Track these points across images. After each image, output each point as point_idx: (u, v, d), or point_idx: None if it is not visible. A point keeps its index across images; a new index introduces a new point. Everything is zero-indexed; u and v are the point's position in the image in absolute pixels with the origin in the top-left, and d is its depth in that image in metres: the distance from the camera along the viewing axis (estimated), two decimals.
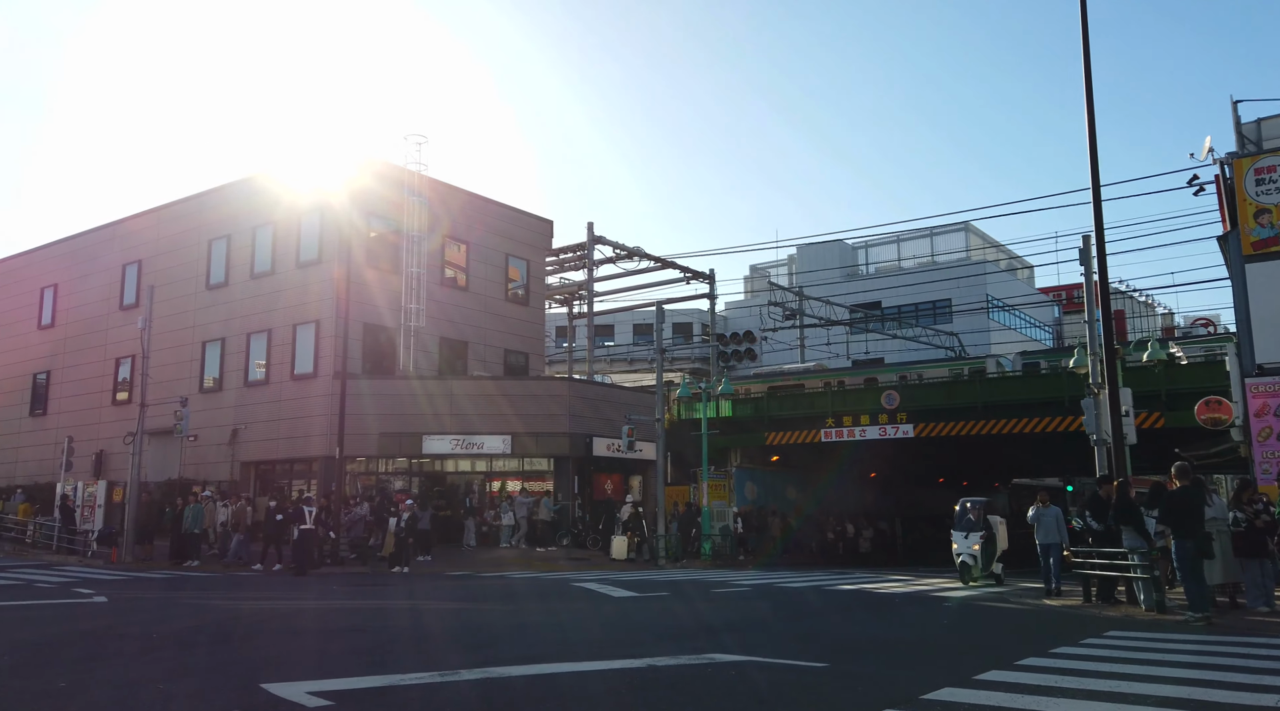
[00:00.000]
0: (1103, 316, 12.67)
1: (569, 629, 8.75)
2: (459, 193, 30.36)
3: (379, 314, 27.48)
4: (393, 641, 7.77)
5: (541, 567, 20.73)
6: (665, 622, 9.45)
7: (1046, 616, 10.61)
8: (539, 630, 8.65)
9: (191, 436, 28.93)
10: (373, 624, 9.02)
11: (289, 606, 11.13)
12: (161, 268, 31.00)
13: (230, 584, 15.16)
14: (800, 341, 44.01)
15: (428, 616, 10.01)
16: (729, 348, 22.54)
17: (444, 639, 8.00)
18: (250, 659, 6.94)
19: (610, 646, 7.58)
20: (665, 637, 8.16)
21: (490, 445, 26.23)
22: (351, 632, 8.40)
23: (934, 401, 27.18)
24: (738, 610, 10.97)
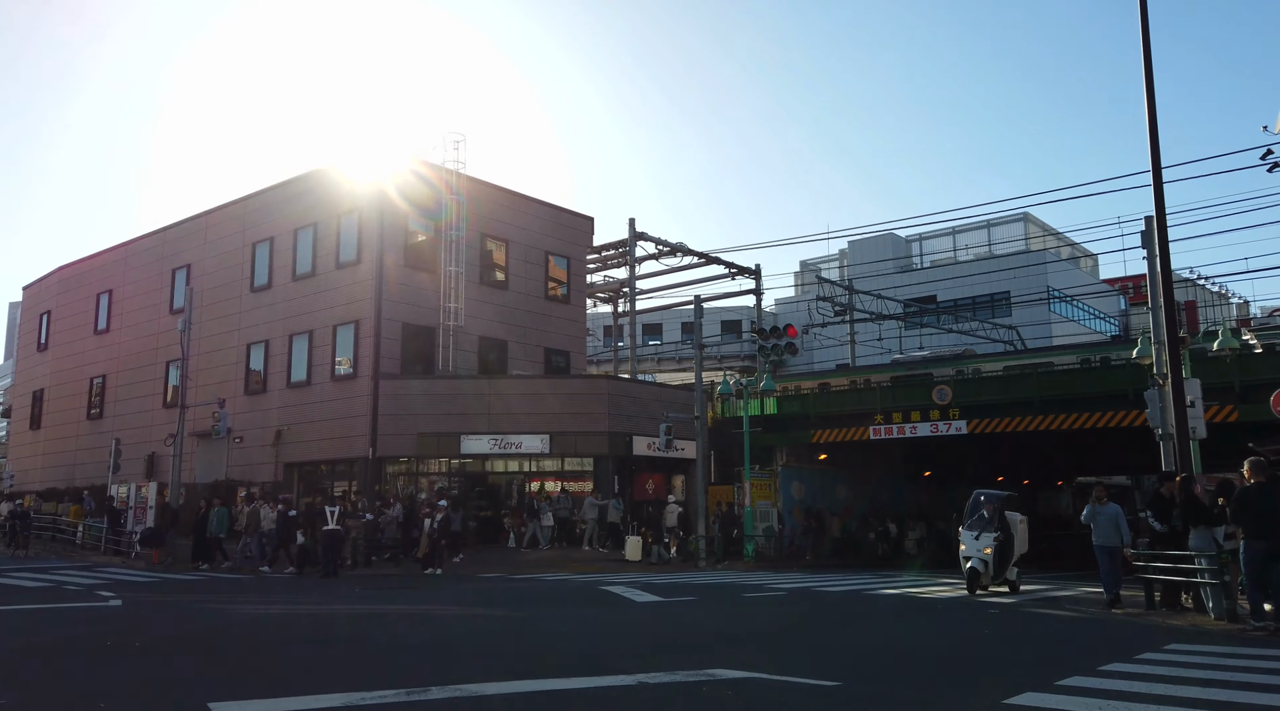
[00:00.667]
0: (1165, 300, 11.65)
1: (571, 639, 8.20)
2: (498, 191, 30.10)
3: (419, 314, 27.35)
4: (377, 653, 7.30)
5: (578, 569, 20.25)
6: (678, 631, 8.84)
7: (1102, 626, 9.71)
8: (538, 640, 8.12)
9: (238, 438, 29.36)
10: (367, 632, 8.59)
11: (290, 612, 10.81)
12: (208, 271, 31.41)
13: (252, 588, 14.96)
14: (850, 337, 42.86)
15: (428, 624, 9.55)
16: (769, 342, 21.64)
17: (432, 650, 7.52)
18: (211, 672, 6.54)
19: (608, 659, 7.00)
20: (671, 649, 7.56)
21: (529, 445, 25.89)
22: (339, 642, 7.97)
23: (988, 396, 25.96)
24: (763, 617, 10.31)
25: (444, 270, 27.78)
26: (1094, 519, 12.33)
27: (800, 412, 30.03)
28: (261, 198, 30.29)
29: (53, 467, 36.12)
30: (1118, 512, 12.23)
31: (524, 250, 30.45)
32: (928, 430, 26.70)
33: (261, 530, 19.96)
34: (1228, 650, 7.63)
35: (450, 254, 27.94)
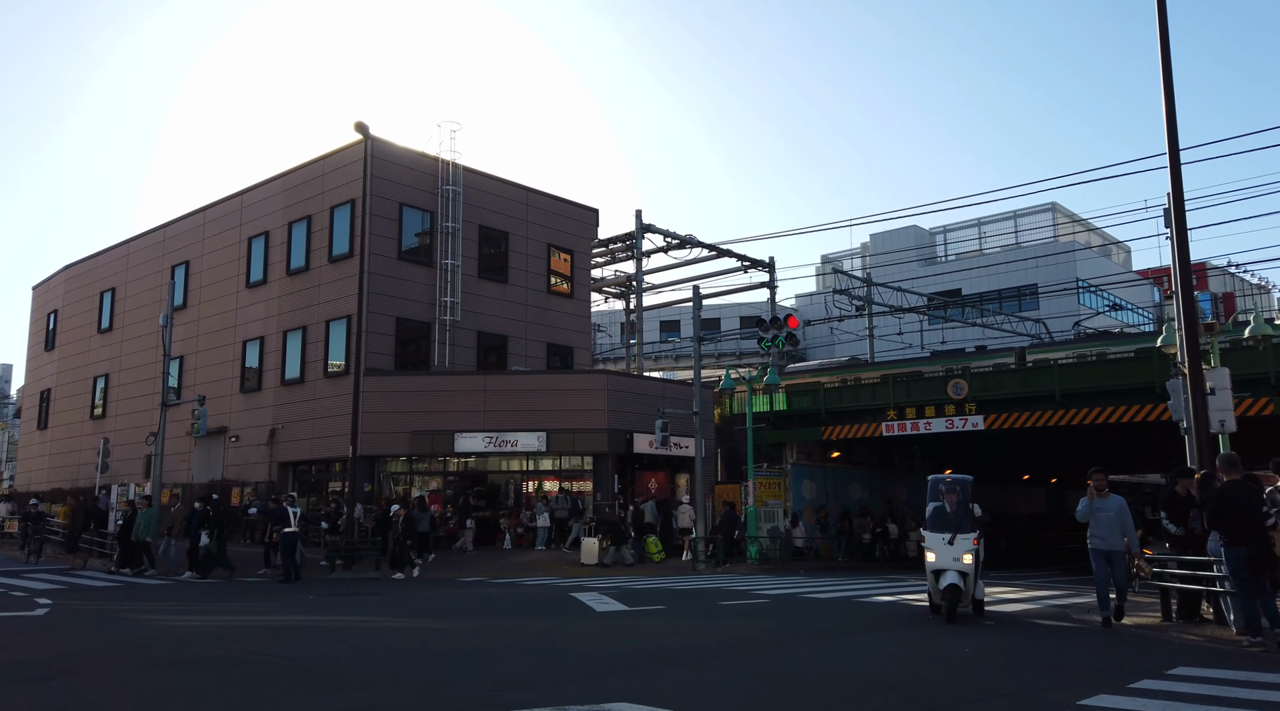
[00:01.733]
0: (1181, 276, 10.44)
1: (492, 659, 7.25)
2: (497, 182, 29.28)
3: (414, 308, 26.61)
4: (241, 678, 6.41)
5: (565, 573, 19.34)
6: (617, 649, 7.85)
7: (1105, 641, 8.56)
8: (452, 660, 7.19)
9: (234, 437, 28.84)
10: (253, 650, 7.68)
11: (204, 624, 9.97)
12: (206, 267, 30.96)
13: (202, 595, 14.14)
14: (869, 331, 41.56)
15: (340, 639, 8.62)
16: (769, 334, 20.55)
17: (310, 674, 6.60)
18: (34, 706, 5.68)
19: (507, 685, 6.06)
20: (590, 674, 6.58)
21: (525, 442, 25.03)
22: (214, 663, 7.08)
23: (1007, 390, 24.67)
24: (725, 631, 9.29)
25: (439, 263, 27.04)
26: (1092, 515, 10.07)
27: (811, 408, 28.88)
28: (257, 192, 29.75)
29: (58, 468, 35.93)
30: (1121, 507, 9.98)
31: (525, 243, 29.61)
32: (943, 426, 25.48)
33: None
34: (1243, 675, 6.49)
35: (446, 246, 27.18)
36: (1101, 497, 10.06)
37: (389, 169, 26.46)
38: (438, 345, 26.90)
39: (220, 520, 18.16)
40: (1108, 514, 9.91)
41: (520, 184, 30.03)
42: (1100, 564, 9.90)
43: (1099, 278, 44.21)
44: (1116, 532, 9.86)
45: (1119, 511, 9.94)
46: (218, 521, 18.04)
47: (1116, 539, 9.85)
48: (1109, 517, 9.90)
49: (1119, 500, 10.05)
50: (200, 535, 17.52)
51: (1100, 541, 9.92)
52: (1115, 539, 9.85)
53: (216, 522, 17.91)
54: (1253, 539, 8.11)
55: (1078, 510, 10.27)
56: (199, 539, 17.66)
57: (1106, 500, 10.03)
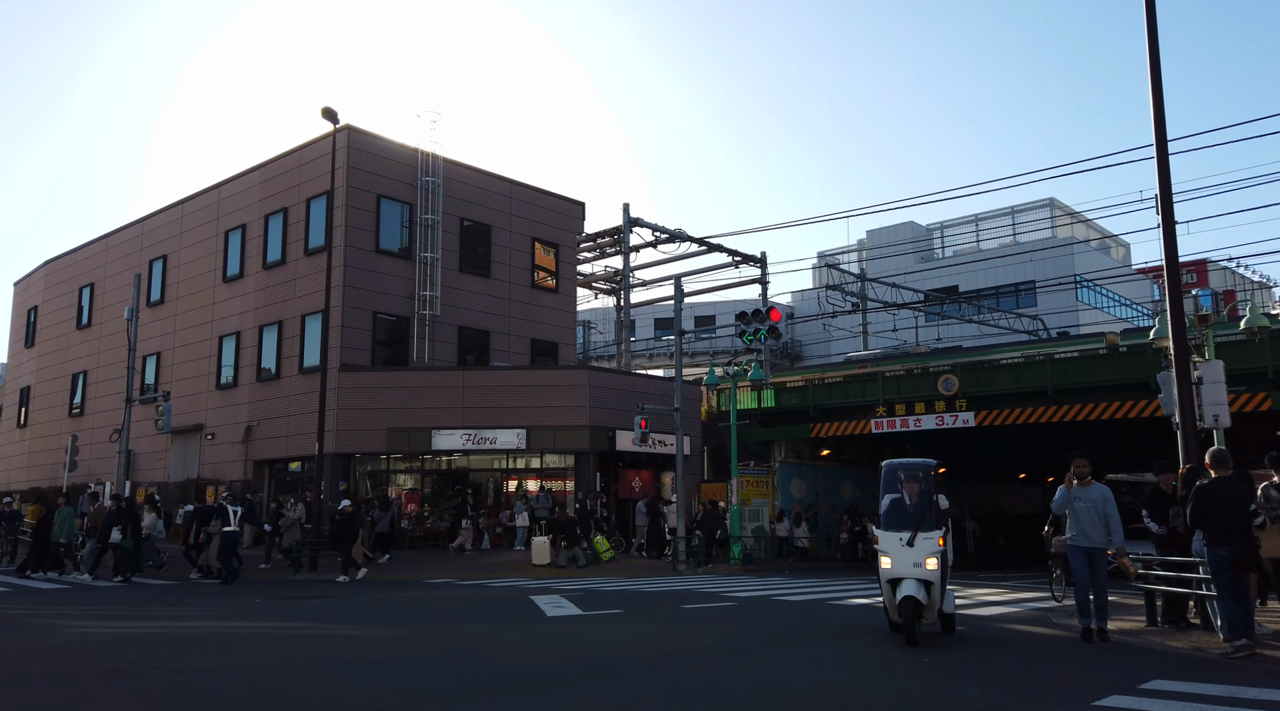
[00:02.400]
0: (1167, 258, 9.78)
1: (404, 671, 6.61)
2: (480, 174, 28.67)
3: (391, 302, 26.01)
4: (100, 696, 5.79)
5: (538, 574, 18.73)
6: (549, 659, 7.21)
7: (1077, 651, 7.91)
8: (350, 674, 6.55)
9: (210, 435, 28.26)
10: (152, 663, 7.06)
11: (121, 631, 9.33)
12: (183, 262, 30.41)
13: (146, 598, 13.50)
14: (863, 327, 40.92)
15: (249, 648, 7.93)
16: (750, 327, 19.90)
17: (184, 694, 5.97)
18: None
19: (407, 703, 5.44)
20: (504, 690, 5.97)
21: (504, 440, 24.43)
22: (89, 677, 6.45)
23: (999, 386, 24.03)
24: (674, 637, 8.65)
25: (419, 256, 26.44)
26: (1070, 507, 8.69)
27: (799, 405, 28.27)
28: (234, 184, 29.16)
29: (37, 466, 35.35)
30: (1104, 497, 8.55)
31: (508, 236, 29.00)
32: (933, 423, 24.84)
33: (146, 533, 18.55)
34: (1221, 690, 5.84)
35: (425, 239, 26.59)
36: (1082, 486, 8.67)
37: (367, 160, 25.87)
38: (417, 340, 26.31)
39: (137, 517, 17.42)
40: (1088, 505, 8.55)
41: (503, 176, 29.42)
42: (1080, 564, 8.60)
43: (1097, 273, 43.50)
44: (1099, 527, 8.50)
45: (1101, 502, 8.54)
46: (134, 518, 17.23)
47: (1099, 534, 8.49)
48: (1090, 509, 8.53)
49: (1102, 489, 8.64)
50: (112, 533, 16.44)
51: (1080, 537, 8.57)
52: (1098, 534, 8.49)
53: (133, 519, 17.07)
54: (1236, 539, 7.50)
55: (1053, 500, 8.91)
56: (109, 537, 16.57)
57: (1088, 489, 8.63)
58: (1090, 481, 8.71)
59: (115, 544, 16.34)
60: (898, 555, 8.29)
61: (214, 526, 16.82)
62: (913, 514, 8.46)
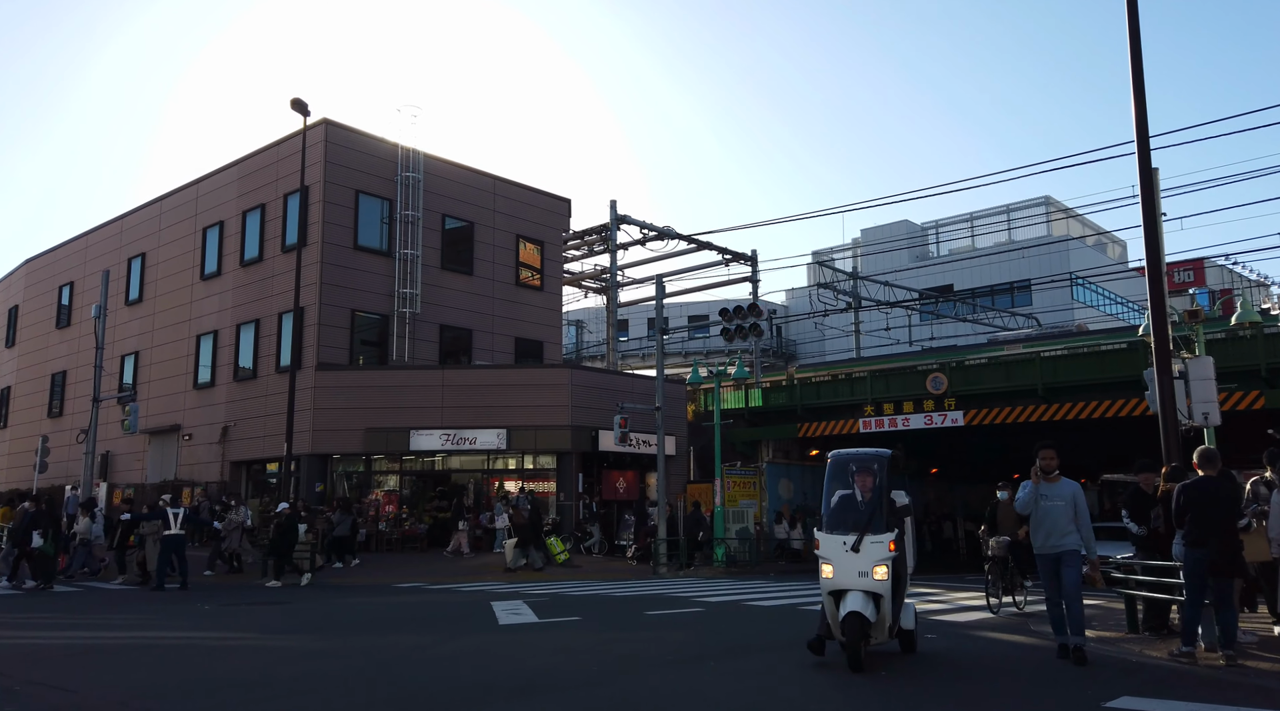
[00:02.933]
0: (1148, 246, 9.30)
1: (300, 692, 6.13)
2: (462, 169, 28.21)
3: (370, 300, 25.55)
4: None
5: (513, 578, 18.25)
6: (478, 676, 6.71)
7: (1046, 664, 7.43)
8: (238, 696, 6.06)
9: (187, 435, 27.79)
10: (36, 680, 6.57)
11: (38, 642, 8.85)
12: (161, 260, 29.95)
13: (95, 605, 13.01)
14: (855, 326, 40.43)
15: (151, 663, 7.45)
16: (733, 323, 19.43)
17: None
18: None
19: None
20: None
21: (484, 440, 23.96)
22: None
23: (989, 384, 23.56)
24: (623, 647, 8.17)
25: (398, 253, 25.98)
26: (1035, 506, 7.64)
27: (787, 405, 27.81)
28: (212, 180, 28.70)
29: (17, 468, 34.84)
30: (1074, 495, 7.56)
31: (492, 233, 28.54)
32: (921, 422, 24.38)
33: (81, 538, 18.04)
34: (1191, 708, 5.36)
35: (406, 236, 26.13)
36: (1049, 482, 7.64)
37: (345, 155, 25.42)
38: (396, 339, 25.85)
39: (58, 519, 16.88)
40: (1056, 504, 7.52)
41: (486, 172, 28.96)
42: (1047, 573, 7.57)
43: (1093, 271, 43.03)
44: (1067, 527, 7.48)
45: (1071, 501, 7.51)
46: (55, 521, 16.65)
47: (1067, 535, 7.47)
48: (1058, 509, 7.50)
49: (1072, 486, 7.62)
50: (33, 537, 15.72)
51: (1046, 541, 7.54)
52: (1065, 536, 7.48)
53: (54, 523, 16.49)
54: (1214, 540, 7.04)
55: (1017, 498, 7.81)
56: (30, 541, 15.80)
57: (1055, 486, 7.61)
58: (1058, 476, 7.69)
59: (36, 548, 15.60)
60: (841, 563, 7.07)
61: (146, 529, 16.35)
62: (861, 513, 7.21)
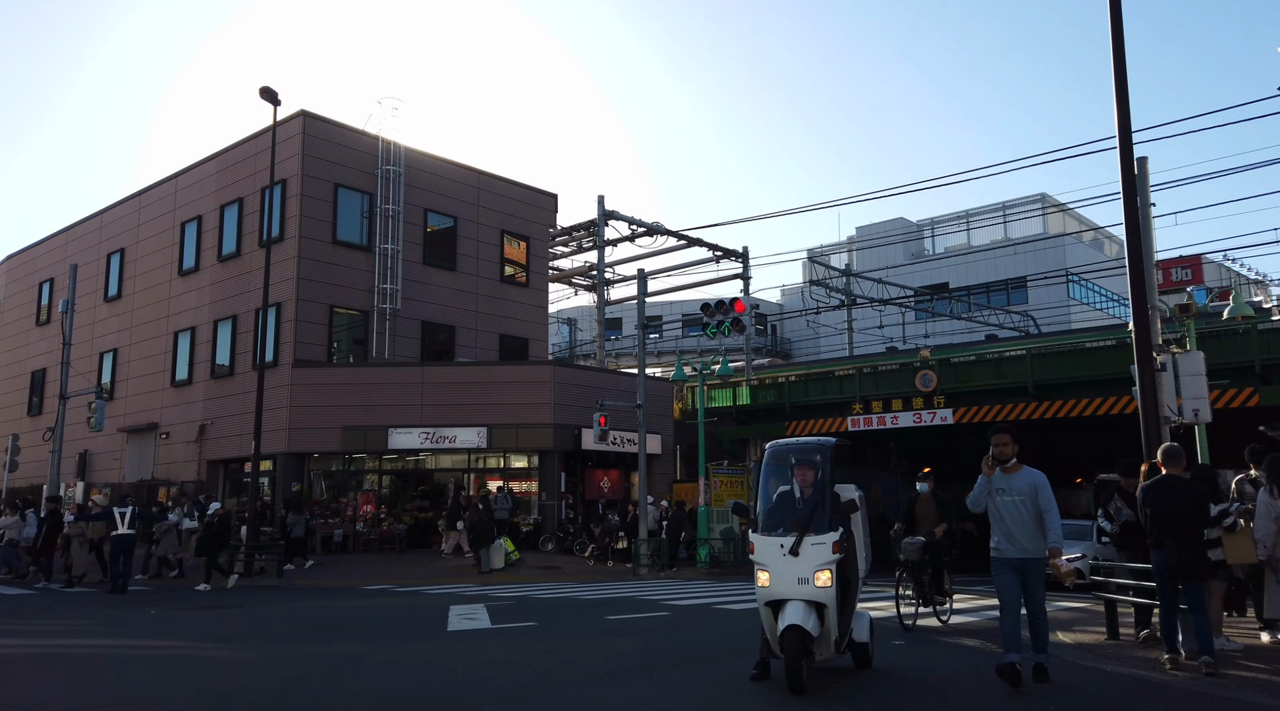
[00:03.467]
0: (1126, 222, 8.82)
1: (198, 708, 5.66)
2: (445, 163, 27.74)
3: (350, 296, 25.08)
4: None
5: (487, 580, 17.78)
6: (393, 691, 6.23)
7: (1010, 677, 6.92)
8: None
9: (164, 434, 27.32)
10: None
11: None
12: (140, 255, 29.48)
13: (34, 610, 12.54)
14: (848, 324, 39.96)
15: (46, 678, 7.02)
16: (713, 319, 18.95)
17: None
18: None
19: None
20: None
21: (464, 438, 23.49)
22: None
23: (979, 381, 23.09)
24: (564, 657, 7.69)
25: (378, 248, 25.51)
26: (990, 501, 6.42)
27: (776, 403, 27.35)
28: (191, 174, 28.24)
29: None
30: (1036, 487, 6.24)
31: (476, 228, 28.07)
32: (910, 420, 23.91)
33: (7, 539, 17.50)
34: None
35: (386, 230, 25.66)
36: (1006, 472, 6.33)
37: (323, 148, 24.96)
38: (376, 335, 25.39)
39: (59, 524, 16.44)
40: (1015, 499, 6.21)
41: (470, 166, 28.48)
42: (1007, 582, 6.27)
43: (1088, 267, 42.54)
44: (1030, 528, 6.18)
45: (1032, 494, 6.18)
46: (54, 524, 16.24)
47: (1031, 539, 6.18)
48: (1017, 505, 6.20)
49: (1033, 476, 6.28)
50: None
51: (1004, 543, 6.26)
52: (1029, 539, 6.19)
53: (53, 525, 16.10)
54: (1171, 542, 6.57)
55: (969, 496, 6.58)
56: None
57: (1014, 477, 6.29)
58: (1018, 465, 6.37)
59: None
60: (778, 568, 6.11)
61: (72, 530, 15.88)
62: (801, 511, 6.24)
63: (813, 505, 6.36)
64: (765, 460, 6.85)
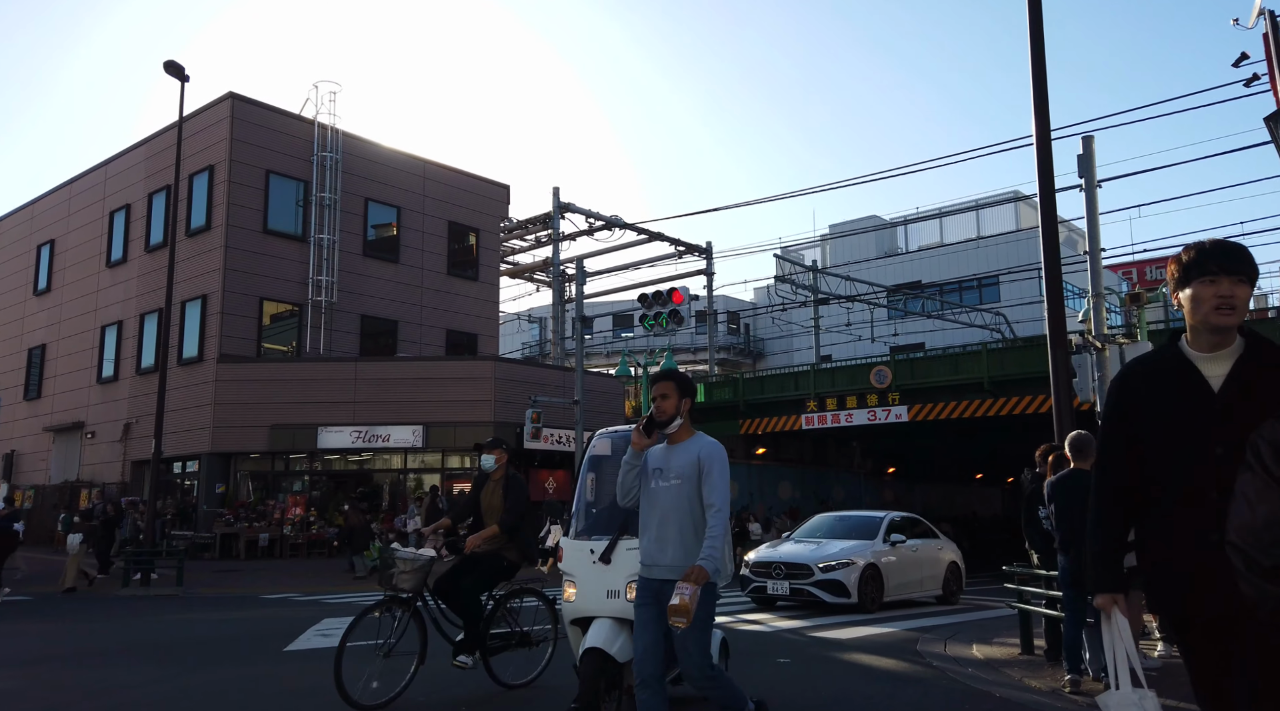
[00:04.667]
0: (1041, 191, 7.87)
1: None
2: (387, 152, 26.64)
3: (282, 288, 23.94)
4: None
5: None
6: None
7: (919, 699, 5.96)
8: None
9: (90, 433, 26.10)
10: None
11: None
12: (70, 246, 28.25)
13: None
14: (815, 322, 39.04)
15: None
16: (651, 310, 17.95)
17: None
18: None
19: None
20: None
21: (398, 437, 22.41)
22: None
23: (935, 378, 22.19)
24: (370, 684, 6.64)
25: (313, 238, 24.38)
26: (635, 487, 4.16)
27: (730, 400, 26.38)
28: (120, 161, 27.06)
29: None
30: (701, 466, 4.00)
31: (420, 219, 26.97)
32: (865, 418, 22.98)
33: None
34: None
35: (322, 220, 24.53)
36: (672, 444, 4.10)
37: (254, 132, 23.83)
38: (312, 330, 24.25)
39: None
40: (672, 485, 4.00)
41: (416, 155, 27.41)
42: (645, 617, 3.95)
43: (1068, 274, 41.70)
44: (692, 533, 3.93)
45: (695, 476, 3.96)
46: None
47: (678, 547, 3.92)
48: (674, 494, 3.98)
49: (703, 447, 4.05)
50: None
51: (653, 551, 4.02)
52: (687, 548, 3.91)
53: None
54: (1074, 549, 5.67)
55: (618, 483, 4.26)
56: None
57: (677, 450, 4.08)
58: (688, 431, 4.11)
59: None
60: (586, 579, 4.94)
61: None
62: (619, 510, 4.66)
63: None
64: (588, 451, 5.76)
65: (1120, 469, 2.50)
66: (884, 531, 12.47)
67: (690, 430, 4.19)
